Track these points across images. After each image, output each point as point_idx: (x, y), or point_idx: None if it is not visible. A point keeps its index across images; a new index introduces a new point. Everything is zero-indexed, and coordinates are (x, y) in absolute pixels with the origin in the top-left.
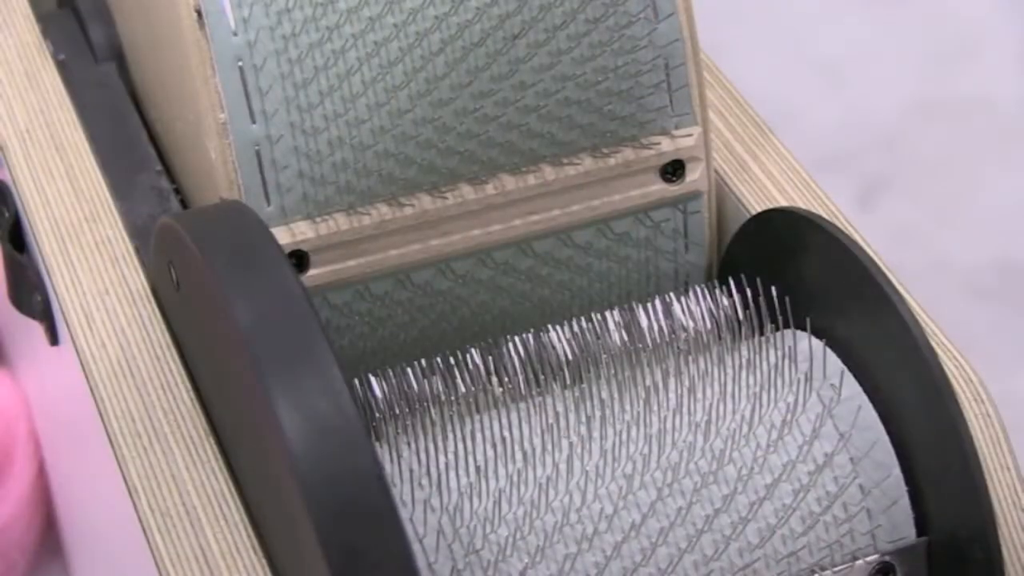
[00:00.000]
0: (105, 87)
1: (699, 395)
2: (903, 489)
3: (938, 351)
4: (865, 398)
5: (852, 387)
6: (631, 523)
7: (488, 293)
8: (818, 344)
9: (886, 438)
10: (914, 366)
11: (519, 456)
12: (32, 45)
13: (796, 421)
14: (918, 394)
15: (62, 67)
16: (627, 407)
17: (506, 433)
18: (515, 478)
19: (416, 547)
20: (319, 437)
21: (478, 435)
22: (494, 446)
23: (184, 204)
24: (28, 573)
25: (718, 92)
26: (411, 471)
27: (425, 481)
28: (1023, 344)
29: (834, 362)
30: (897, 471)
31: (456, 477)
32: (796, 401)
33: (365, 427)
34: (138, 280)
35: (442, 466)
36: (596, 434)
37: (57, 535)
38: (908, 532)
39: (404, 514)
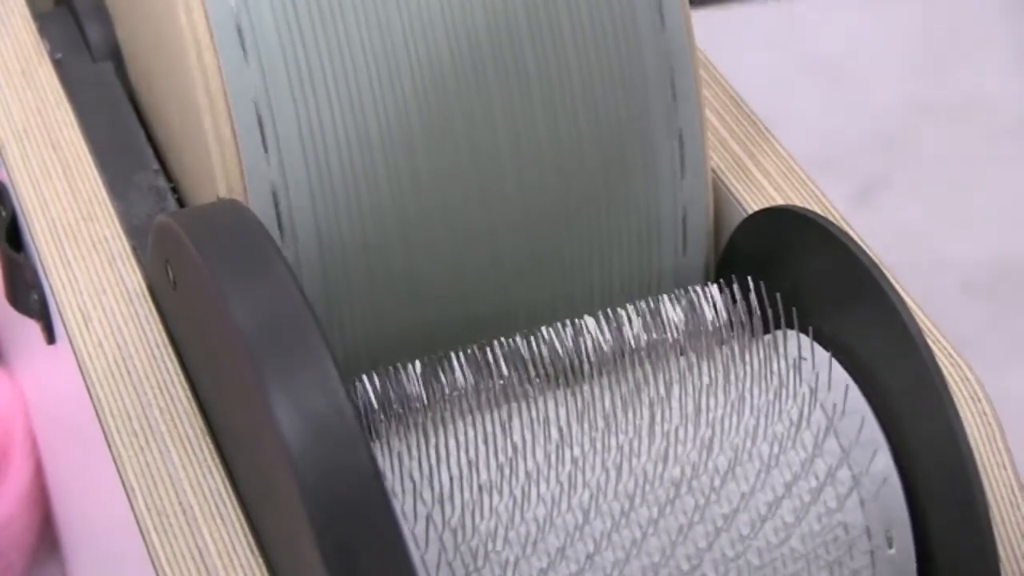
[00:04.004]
0: (102, 86)
1: (703, 406)
2: (903, 502)
3: (934, 349)
4: (869, 410)
5: (855, 399)
6: (632, 541)
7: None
8: (823, 354)
9: (887, 450)
10: (911, 365)
11: (522, 472)
12: (29, 44)
13: (800, 437)
14: (914, 393)
15: (59, 66)
16: (631, 418)
17: (510, 453)
18: (519, 495)
19: (416, 562)
20: (315, 435)
21: (470, 431)
22: (498, 461)
23: (181, 203)
24: (25, 573)
25: (715, 90)
26: (413, 482)
27: (428, 494)
28: (1020, 342)
29: (839, 372)
30: (897, 484)
31: (447, 469)
32: (800, 416)
33: (361, 425)
34: (135, 279)
35: (433, 459)
36: (599, 446)
37: (54, 534)
38: (907, 544)
39: (405, 528)
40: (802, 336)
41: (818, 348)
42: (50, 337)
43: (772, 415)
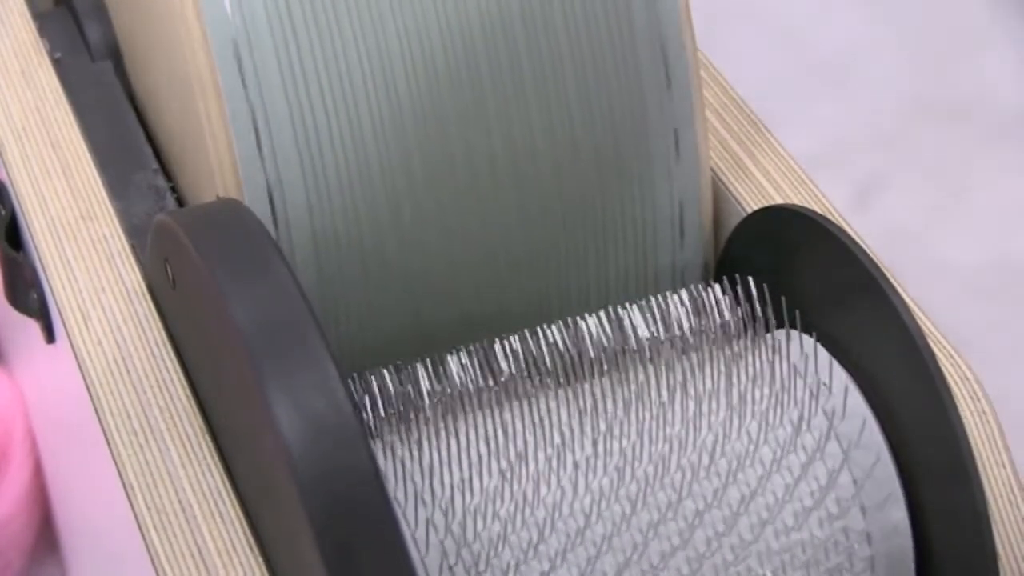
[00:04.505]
0: (101, 85)
1: (705, 411)
2: (904, 512)
3: (935, 349)
4: (870, 413)
5: (856, 402)
6: (633, 545)
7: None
8: (825, 355)
9: (888, 456)
10: (911, 365)
11: (524, 477)
12: (28, 43)
13: (801, 441)
14: (915, 393)
15: (58, 65)
16: (633, 422)
17: (512, 458)
18: (520, 500)
19: (417, 566)
20: (315, 434)
21: (471, 433)
22: (500, 466)
23: (180, 202)
24: (24, 572)
25: (714, 90)
26: (404, 466)
27: (418, 477)
28: (1019, 342)
29: (839, 373)
30: (899, 490)
31: (449, 473)
32: (801, 419)
33: (361, 424)
34: (134, 278)
35: (435, 462)
36: (601, 450)
37: (54, 534)
38: (907, 547)
39: (406, 531)
40: (804, 337)
41: (820, 350)
42: (49, 336)
43: (773, 419)
